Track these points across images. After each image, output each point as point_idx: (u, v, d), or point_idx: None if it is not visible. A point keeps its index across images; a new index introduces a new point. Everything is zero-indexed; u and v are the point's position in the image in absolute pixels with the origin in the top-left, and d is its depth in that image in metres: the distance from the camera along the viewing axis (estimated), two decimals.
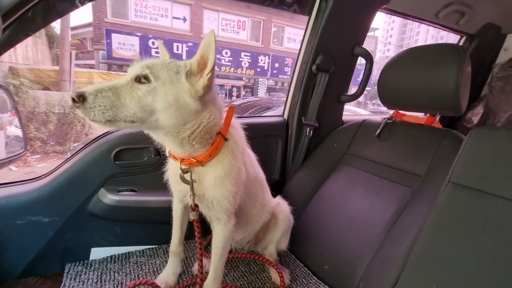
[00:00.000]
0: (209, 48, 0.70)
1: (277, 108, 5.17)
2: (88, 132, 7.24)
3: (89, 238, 1.17)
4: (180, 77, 0.72)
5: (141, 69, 0.70)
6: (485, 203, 0.75)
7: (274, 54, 15.50)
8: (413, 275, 0.82)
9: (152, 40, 12.70)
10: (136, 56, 12.55)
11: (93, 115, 0.64)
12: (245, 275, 1.13)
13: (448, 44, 1.16)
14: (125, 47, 12.31)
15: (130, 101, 0.67)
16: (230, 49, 14.31)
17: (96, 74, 8.77)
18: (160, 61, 0.74)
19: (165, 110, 0.70)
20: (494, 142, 0.79)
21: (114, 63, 12.65)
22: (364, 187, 1.23)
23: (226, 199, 0.85)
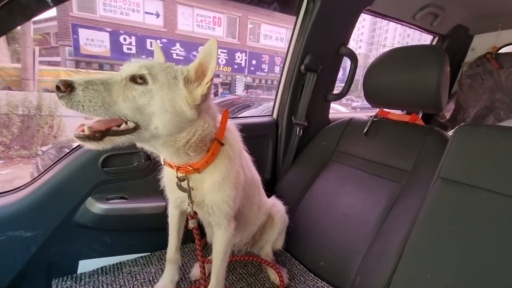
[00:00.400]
0: (209, 56, 0.68)
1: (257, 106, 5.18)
2: (57, 134, 6.79)
3: (76, 250, 1.10)
4: (178, 83, 0.70)
5: (139, 68, 0.66)
6: (472, 196, 0.81)
7: (251, 51, 15.47)
8: (408, 267, 0.87)
9: (123, 36, 12.13)
10: (106, 52, 11.96)
11: (82, 109, 0.60)
12: (243, 277, 1.13)
13: (429, 46, 1.23)
14: (94, 43, 11.64)
15: (124, 101, 0.64)
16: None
17: (63, 72, 8.20)
18: (159, 63, 0.71)
19: (161, 116, 0.67)
20: (477, 138, 0.85)
21: (83, 60, 11.92)
22: (354, 184, 1.28)
23: (226, 203, 0.84)
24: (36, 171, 3.02)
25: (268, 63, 16.15)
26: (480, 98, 2.03)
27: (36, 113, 6.42)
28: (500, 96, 1.92)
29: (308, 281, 1.12)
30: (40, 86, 7.60)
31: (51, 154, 3.35)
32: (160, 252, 1.23)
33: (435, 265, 0.81)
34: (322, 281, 1.11)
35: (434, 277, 0.80)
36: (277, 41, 16.57)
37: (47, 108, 6.49)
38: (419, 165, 1.10)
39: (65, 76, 4.54)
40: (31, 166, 3.52)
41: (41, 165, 3.07)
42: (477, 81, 2.04)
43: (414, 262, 0.86)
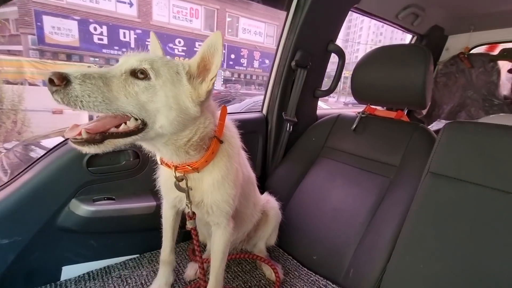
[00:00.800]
0: (213, 51, 0.65)
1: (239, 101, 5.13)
2: (21, 130, 6.28)
3: (59, 256, 1.03)
4: (181, 78, 0.66)
5: (139, 62, 0.62)
6: (460, 190, 0.86)
7: (230, 45, 15.25)
8: (401, 257, 0.91)
9: (93, 25, 11.40)
10: (75, 42, 11.19)
11: (81, 105, 0.55)
12: (239, 275, 1.12)
13: (415, 46, 1.29)
14: (61, 32, 10.82)
15: (127, 97, 0.60)
16: (183, 38, 13.62)
17: (27, 62, 7.55)
18: (159, 57, 0.67)
19: (167, 113, 0.64)
20: (465, 135, 0.90)
21: (48, 49, 11.05)
22: (344, 179, 1.31)
23: (226, 202, 0.82)
24: (1, 170, 2.77)
25: (247, 58, 16.04)
26: (453, 95, 2.16)
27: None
28: (471, 93, 2.06)
29: (302, 275, 1.14)
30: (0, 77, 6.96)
31: (17, 152, 3.09)
32: (150, 253, 1.19)
33: (426, 255, 0.86)
34: (316, 275, 1.13)
35: (426, 266, 0.85)
36: (256, 35, 16.47)
37: (9, 101, 5.97)
38: (407, 160, 1.15)
39: (28, 67, 4.21)
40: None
41: (6, 163, 2.82)
42: (451, 80, 2.17)
43: (407, 253, 0.90)
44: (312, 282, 1.09)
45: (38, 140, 3.28)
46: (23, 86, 6.80)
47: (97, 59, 12.32)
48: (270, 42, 17.18)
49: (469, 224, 0.81)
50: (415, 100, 1.20)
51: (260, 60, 16.54)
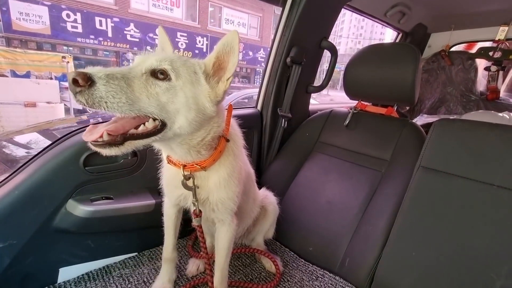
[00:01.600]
0: (229, 50, 0.66)
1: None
2: (3, 125, 5.86)
3: (55, 257, 1.00)
4: (199, 78, 0.66)
5: (159, 62, 0.62)
6: (448, 182, 0.93)
7: (213, 36, 14.93)
8: (395, 246, 0.97)
9: (66, 12, 10.71)
10: (46, 30, 10.50)
11: (105, 106, 0.54)
12: (239, 269, 1.15)
13: (405, 44, 1.34)
14: (30, 18, 10.09)
15: (148, 97, 0.59)
16: (164, 28, 13.14)
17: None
18: (178, 57, 0.67)
19: (186, 114, 0.64)
20: (452, 131, 0.97)
21: (15, 37, 10.28)
22: (337, 173, 1.36)
23: (231, 200, 0.84)
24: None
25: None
26: (434, 91, 2.28)
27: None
28: (451, 89, 2.18)
29: (300, 266, 1.18)
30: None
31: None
32: (149, 251, 1.19)
33: (418, 244, 0.93)
34: (313, 265, 1.18)
35: (418, 254, 0.92)
36: (239, 26, 16.22)
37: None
38: (397, 155, 1.22)
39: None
40: None
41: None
42: (432, 76, 2.28)
43: (400, 242, 0.97)
44: (310, 272, 1.14)
45: (10, 137, 3.08)
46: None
47: (71, 48, 11.65)
48: (253, 33, 17.00)
49: (457, 214, 0.88)
50: (405, 97, 1.26)
51: (243, 51, 16.36)
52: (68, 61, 7.64)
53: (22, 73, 7.41)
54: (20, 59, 7.23)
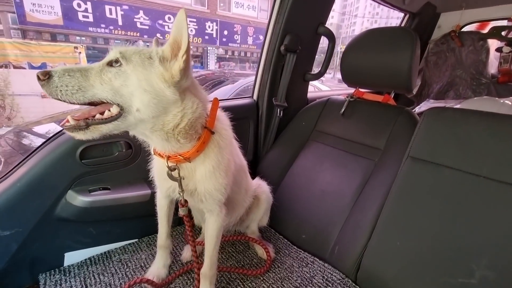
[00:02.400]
0: (181, 28, 0.66)
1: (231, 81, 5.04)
2: (10, 115, 6.17)
3: (60, 243, 1.08)
4: (153, 62, 0.69)
5: (114, 53, 0.68)
6: (435, 173, 0.91)
7: (222, 21, 14.68)
8: (380, 236, 0.98)
9: (77, 1, 10.80)
10: (59, 21, 10.66)
11: (60, 94, 0.63)
12: (232, 255, 1.20)
13: (402, 28, 1.28)
14: (43, 10, 10.27)
15: (101, 83, 0.66)
16: (173, 14, 13.03)
17: (9, 44, 7.22)
18: (134, 48, 0.71)
19: (141, 96, 0.67)
20: (442, 121, 0.94)
21: (30, 29, 10.54)
22: (332, 162, 1.36)
23: (218, 191, 0.86)
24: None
25: (240, 34, 15.53)
26: (443, 74, 2.18)
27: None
28: (460, 72, 2.08)
29: (292, 253, 1.22)
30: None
31: (9, 139, 3.07)
32: (148, 238, 1.26)
33: (403, 234, 0.93)
34: (305, 252, 1.21)
35: (402, 243, 0.92)
36: (249, 9, 15.83)
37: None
38: (391, 144, 1.20)
39: (11, 49, 4.16)
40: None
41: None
42: (441, 58, 2.17)
43: (385, 231, 0.98)
44: (300, 259, 1.17)
45: (30, 127, 3.24)
46: (7, 70, 6.55)
47: (84, 38, 11.82)
48: (264, 16, 16.55)
49: (442, 205, 0.88)
50: (401, 84, 1.22)
51: (254, 36, 16.03)
52: (80, 52, 7.81)
53: (37, 65, 7.65)
54: (35, 51, 7.46)
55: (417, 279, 0.88)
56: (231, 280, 1.06)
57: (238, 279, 1.07)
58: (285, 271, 1.11)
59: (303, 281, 1.06)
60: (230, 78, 5.27)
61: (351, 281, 1.04)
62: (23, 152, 2.74)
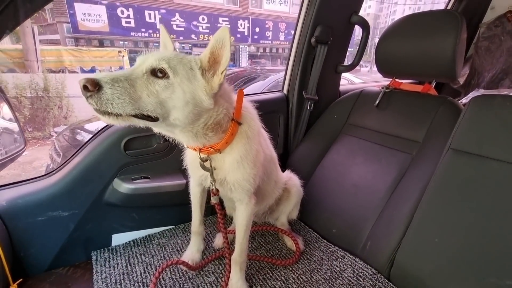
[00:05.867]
0: (222, 46, 0.68)
1: (263, 78, 5.05)
2: (66, 115, 6.91)
3: (108, 226, 1.20)
4: (195, 74, 0.70)
5: (158, 62, 0.67)
6: (482, 166, 0.84)
7: (254, 18, 14.74)
8: (417, 231, 0.93)
9: (120, 8, 11.66)
10: (105, 27, 11.61)
11: (111, 108, 0.60)
12: (262, 245, 1.23)
13: (445, 11, 1.18)
14: (92, 18, 11.27)
15: (148, 95, 0.65)
16: (206, 14, 13.43)
17: (65, 51, 8.07)
18: (175, 55, 0.72)
19: (183, 108, 0.69)
20: (491, 109, 0.85)
21: (82, 37, 11.65)
22: (365, 155, 1.31)
23: (246, 181, 0.89)
24: (55, 152, 3.14)
25: (272, 30, 15.45)
26: (497, 61, 1.96)
27: (44, 95, 6.49)
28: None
29: (321, 246, 1.21)
30: (43, 66, 7.57)
31: (66, 135, 3.45)
32: (183, 224, 1.34)
33: (442, 230, 0.87)
34: (335, 246, 1.19)
35: (441, 240, 0.87)
36: (281, 5, 15.66)
37: (54, 89, 6.54)
38: (431, 136, 1.12)
39: (67, 56, 4.57)
40: (48, 148, 3.66)
41: (58, 146, 3.18)
42: (494, 43, 1.95)
43: (422, 227, 0.92)
44: (330, 253, 1.16)
45: (82, 125, 3.62)
46: (64, 74, 7.34)
47: (126, 43, 12.74)
48: (296, 11, 16.21)
49: (490, 200, 0.80)
50: (444, 72, 1.13)
51: (285, 32, 15.84)
52: (123, 55, 8.45)
53: (88, 69, 8.44)
54: (86, 56, 8.24)
55: (458, 278, 0.82)
56: (260, 268, 1.09)
57: (267, 268, 1.09)
58: (314, 263, 1.11)
59: (332, 274, 1.05)
60: (262, 75, 5.29)
61: (383, 277, 1.00)
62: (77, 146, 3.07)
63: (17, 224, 0.99)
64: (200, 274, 1.05)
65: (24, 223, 1.01)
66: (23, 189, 1.04)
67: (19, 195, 1.01)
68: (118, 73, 0.64)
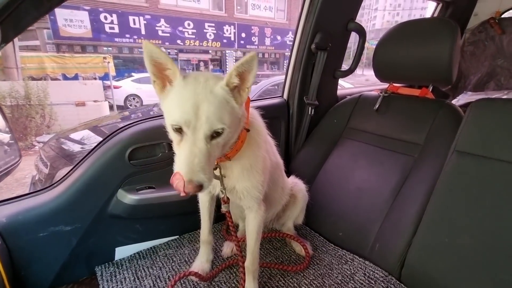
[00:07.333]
0: (250, 69, 0.70)
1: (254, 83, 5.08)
2: (49, 124, 6.65)
3: (112, 239, 1.16)
4: (233, 105, 0.72)
5: (213, 126, 0.67)
6: (486, 167, 0.87)
7: (240, 23, 14.84)
8: (426, 232, 0.96)
9: (103, 14, 11.43)
10: (88, 33, 11.33)
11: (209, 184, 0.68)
12: (270, 252, 1.22)
13: (441, 19, 1.24)
14: (74, 24, 10.98)
15: (215, 151, 0.70)
16: (192, 20, 13.40)
17: (46, 57, 7.78)
18: (219, 100, 0.69)
19: (234, 136, 0.77)
20: (493, 112, 0.90)
21: (63, 42, 11.31)
22: (367, 159, 1.34)
23: (255, 188, 0.89)
24: (41, 163, 3.01)
25: (258, 36, 15.60)
26: (482, 65, 2.06)
27: (25, 103, 6.24)
28: (502, 62, 1.96)
29: (329, 250, 1.22)
30: (24, 74, 7.28)
31: (52, 145, 3.32)
32: (189, 234, 1.31)
33: (451, 230, 0.90)
34: (343, 250, 1.20)
35: (451, 240, 0.89)
36: (266, 10, 15.87)
37: (35, 97, 6.29)
38: (432, 138, 1.16)
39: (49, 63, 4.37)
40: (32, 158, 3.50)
41: (44, 157, 3.05)
42: (479, 48, 2.05)
43: (432, 228, 0.95)
44: (339, 256, 1.17)
45: (67, 134, 3.49)
46: (46, 82, 7.08)
47: (110, 49, 12.48)
48: (281, 16, 16.50)
49: (496, 199, 0.84)
50: (441, 77, 1.17)
51: (271, 37, 16.04)
52: (108, 61, 8.24)
53: (71, 76, 8.18)
54: (69, 62, 7.98)
55: (470, 276, 0.85)
56: (272, 276, 1.08)
57: (279, 275, 1.09)
58: (324, 268, 1.11)
59: (344, 278, 1.06)
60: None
61: (394, 278, 1.02)
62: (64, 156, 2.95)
63: (17, 241, 0.94)
64: (211, 284, 1.03)
65: (25, 240, 0.96)
66: (23, 204, 0.99)
67: (20, 211, 0.96)
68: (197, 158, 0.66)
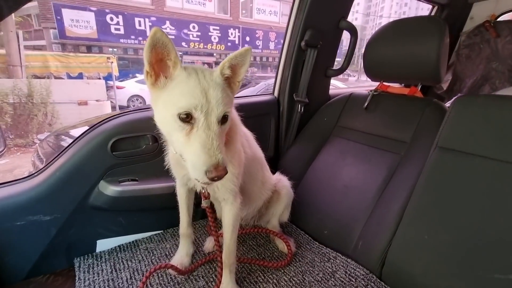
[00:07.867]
0: (242, 63, 0.75)
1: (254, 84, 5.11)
2: (51, 122, 6.71)
3: (93, 231, 1.15)
4: (226, 89, 0.74)
5: (225, 108, 0.70)
6: (467, 163, 0.86)
7: (244, 27, 14.96)
8: (407, 230, 0.94)
9: (110, 15, 11.59)
10: (93, 34, 11.47)
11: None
12: (253, 248, 1.21)
13: (429, 17, 1.23)
14: (80, 24, 11.13)
15: (223, 139, 0.73)
16: (197, 23, 13.53)
17: (51, 56, 7.87)
18: (221, 92, 0.71)
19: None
20: (474, 108, 0.88)
21: (69, 43, 11.46)
22: (355, 156, 1.33)
23: (229, 180, 0.89)
24: (38, 159, 3.03)
25: (262, 39, 15.70)
26: (477, 68, 2.04)
27: (28, 101, 6.30)
28: (496, 65, 1.94)
29: (313, 248, 1.20)
30: (28, 72, 7.36)
31: (50, 142, 3.34)
32: (172, 229, 1.30)
33: (431, 227, 0.88)
34: (327, 248, 1.19)
35: (430, 237, 0.88)
36: (271, 15, 15.99)
37: (38, 95, 6.36)
38: (418, 136, 1.15)
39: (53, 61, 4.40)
40: (31, 155, 3.53)
41: (41, 153, 3.07)
42: (474, 51, 2.04)
43: (412, 225, 0.93)
44: (322, 254, 1.15)
45: (67, 131, 3.52)
46: (49, 80, 7.16)
47: (115, 50, 12.62)
48: (286, 21, 16.57)
49: (475, 196, 0.82)
50: (429, 75, 1.17)
51: (275, 41, 16.13)
52: (112, 61, 8.32)
53: (75, 75, 8.27)
54: (73, 62, 8.07)
55: (449, 274, 0.83)
56: (252, 271, 1.07)
57: (259, 271, 1.07)
58: (306, 265, 1.10)
59: (324, 275, 1.04)
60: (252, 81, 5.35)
61: (375, 276, 1.00)
62: None
63: None
64: (189, 278, 1.02)
65: (1, 228, 0.95)
66: (1, 192, 0.99)
67: None
68: (215, 142, 0.68)
